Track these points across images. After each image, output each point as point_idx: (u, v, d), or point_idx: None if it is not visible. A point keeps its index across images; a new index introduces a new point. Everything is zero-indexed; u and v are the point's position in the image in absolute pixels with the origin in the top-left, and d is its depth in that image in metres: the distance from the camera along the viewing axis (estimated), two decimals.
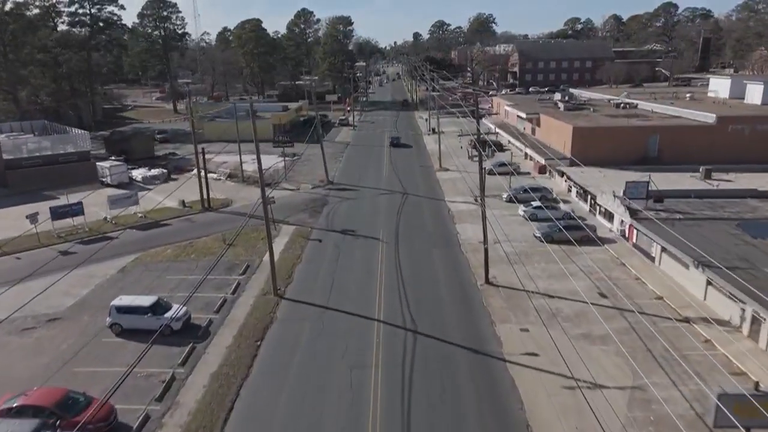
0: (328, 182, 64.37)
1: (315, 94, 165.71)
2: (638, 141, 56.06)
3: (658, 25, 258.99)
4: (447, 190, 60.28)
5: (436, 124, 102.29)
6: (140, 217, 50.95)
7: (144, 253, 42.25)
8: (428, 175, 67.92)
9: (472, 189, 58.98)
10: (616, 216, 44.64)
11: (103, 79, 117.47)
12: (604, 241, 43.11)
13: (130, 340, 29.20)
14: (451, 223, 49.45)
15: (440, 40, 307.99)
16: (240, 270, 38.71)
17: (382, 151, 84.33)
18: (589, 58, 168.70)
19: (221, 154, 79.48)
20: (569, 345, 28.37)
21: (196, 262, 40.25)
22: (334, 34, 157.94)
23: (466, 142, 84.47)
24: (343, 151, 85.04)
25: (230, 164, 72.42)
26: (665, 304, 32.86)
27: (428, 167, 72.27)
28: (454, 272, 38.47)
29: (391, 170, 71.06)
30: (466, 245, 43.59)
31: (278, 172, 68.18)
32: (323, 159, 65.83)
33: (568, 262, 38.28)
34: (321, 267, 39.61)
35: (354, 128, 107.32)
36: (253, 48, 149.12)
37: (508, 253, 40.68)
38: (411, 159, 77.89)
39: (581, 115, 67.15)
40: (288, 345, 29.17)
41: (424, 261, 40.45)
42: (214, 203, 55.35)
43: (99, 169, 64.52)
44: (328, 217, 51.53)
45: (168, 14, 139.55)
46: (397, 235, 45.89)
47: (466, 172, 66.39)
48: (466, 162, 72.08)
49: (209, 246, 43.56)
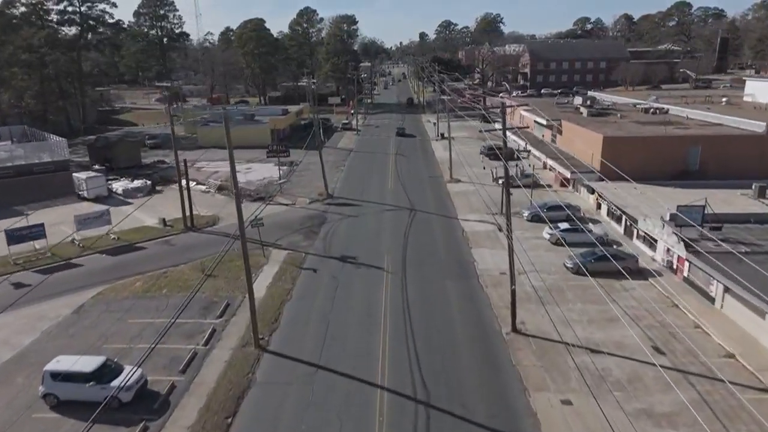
0: (328, 195, 58.17)
1: (317, 96, 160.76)
2: (677, 152, 49.60)
3: (671, 25, 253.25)
4: (460, 206, 53.97)
5: (445, 129, 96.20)
6: (113, 239, 44.96)
7: (109, 287, 36.17)
8: (438, 188, 61.61)
9: (488, 204, 52.71)
10: (660, 242, 38.26)
11: (94, 80, 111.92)
12: (647, 274, 36.82)
13: (67, 416, 23.07)
14: (466, 246, 43.15)
15: (447, 41, 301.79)
16: (217, 311, 32.54)
17: (387, 158, 78.11)
18: (602, 59, 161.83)
19: (216, 162, 73.81)
20: (628, 428, 22.05)
21: (167, 298, 34.10)
22: (337, 34, 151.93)
23: (478, 150, 78.29)
24: (345, 158, 78.85)
25: (222, 174, 66.50)
26: (739, 364, 26.46)
27: (437, 177, 65.95)
28: (473, 315, 32.18)
29: (396, 181, 64.81)
30: (485, 277, 37.29)
31: (273, 183, 62.13)
32: (322, 170, 59.61)
33: (608, 302, 31.99)
34: (314, 306, 33.40)
35: (357, 133, 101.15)
36: (254, 48, 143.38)
37: (536, 288, 34.36)
38: (419, 168, 71.66)
39: (608, 122, 60.71)
40: (266, 423, 22.98)
41: (436, 298, 34.17)
42: (199, 221, 49.25)
43: (75, 181, 58.60)
44: (325, 239, 45.32)
45: (165, 13, 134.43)
46: (405, 263, 39.61)
47: (480, 183, 60.07)
48: (479, 172, 65.71)
49: (186, 276, 37.45)
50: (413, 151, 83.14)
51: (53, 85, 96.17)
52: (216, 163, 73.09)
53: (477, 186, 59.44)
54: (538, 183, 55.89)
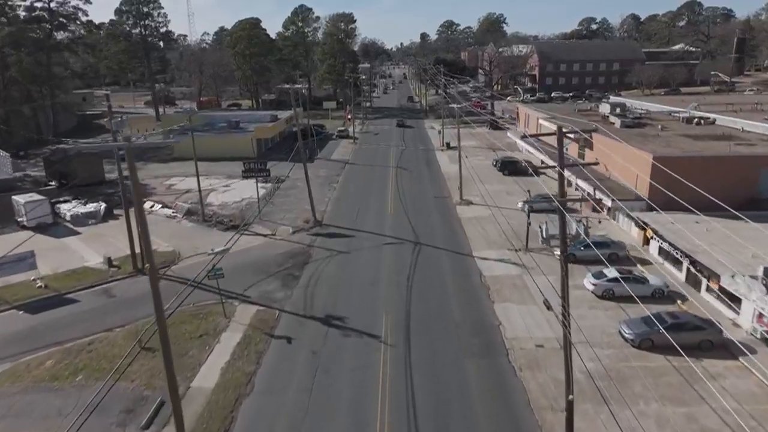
0: (315, 222, 48.72)
1: (313, 99, 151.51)
2: (747, 176, 40.19)
3: (681, 25, 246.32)
4: (474, 238, 44.52)
5: (451, 138, 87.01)
6: (39, 288, 35.56)
7: (8, 368, 26.76)
8: (446, 212, 52.18)
9: (507, 236, 43.31)
10: (747, 303, 28.89)
11: (67, 83, 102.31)
12: (734, 349, 27.35)
13: None
14: (487, 300, 33.72)
15: (449, 41, 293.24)
16: (144, 414, 23.11)
17: (387, 173, 68.70)
18: (615, 60, 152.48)
19: (191, 178, 64.31)
20: None
21: (79, 392, 24.59)
22: (334, 33, 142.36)
23: (489, 162, 68.85)
24: (339, 173, 69.42)
25: (196, 194, 57.23)
26: None
27: (445, 199, 56.47)
28: (506, 425, 22.73)
29: (397, 202, 55.39)
30: (517, 351, 27.85)
31: (254, 206, 52.74)
32: (309, 193, 50.07)
33: (693, 398, 22.69)
34: (282, 406, 23.92)
35: (354, 141, 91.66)
36: (245, 48, 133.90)
37: (590, 372, 24.89)
38: (423, 185, 62.20)
39: (649, 136, 51.26)
40: None
41: (452, 394, 24.59)
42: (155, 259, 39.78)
43: (14, 205, 49.20)
44: (307, 288, 35.83)
45: (149, 10, 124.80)
46: (408, 329, 30.18)
47: (496, 207, 50.69)
48: (493, 190, 56.22)
49: (116, 349, 28.02)
50: (416, 164, 73.79)
51: (15, 89, 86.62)
52: (192, 180, 63.85)
53: (492, 210, 50.05)
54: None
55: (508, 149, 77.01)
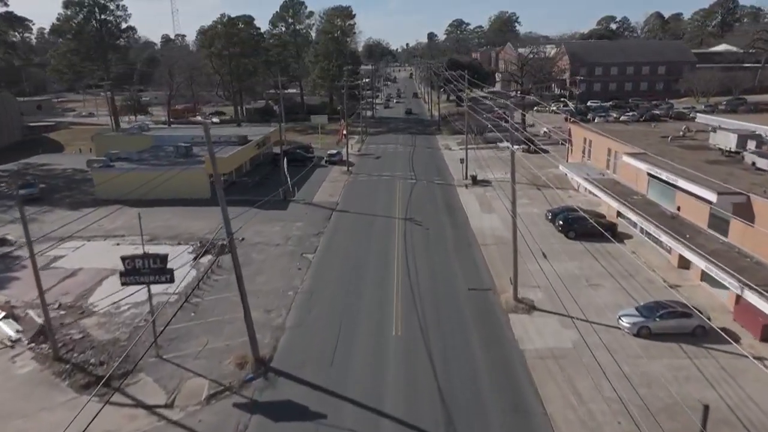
0: (258, 367, 26.34)
1: (306, 108, 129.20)
2: None
3: (713, 24, 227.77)
4: (552, 398, 22.14)
5: (476, 166, 64.77)
6: None
7: None
8: (491, 329, 29.72)
9: (622, 398, 20.89)
10: None
11: None
12: None
13: None
14: None
15: (458, 41, 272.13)
16: None
17: (391, 230, 46.42)
18: (662, 63, 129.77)
19: (106, 240, 41.37)
20: None
21: None
22: (329, 31, 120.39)
23: (541, 210, 46.36)
24: (320, 230, 47.00)
25: (87, 281, 35.48)
26: None
27: (486, 294, 34.08)
28: None
29: (409, 307, 33.05)
30: None
31: (168, 311, 30.14)
32: (246, 318, 27.28)
33: None
34: None
35: (349, 171, 69.35)
36: (223, 48, 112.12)
37: None
38: (448, 259, 39.80)
39: None
40: None
41: None
42: None
43: None
44: None
45: (105, 2, 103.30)
46: None
47: (583, 319, 28.34)
48: (564, 270, 33.94)
49: None
50: (433, 212, 51.43)
51: None
52: (104, 244, 41.78)
53: (577, 324, 27.75)
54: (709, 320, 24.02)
55: (557, 185, 54.73)
